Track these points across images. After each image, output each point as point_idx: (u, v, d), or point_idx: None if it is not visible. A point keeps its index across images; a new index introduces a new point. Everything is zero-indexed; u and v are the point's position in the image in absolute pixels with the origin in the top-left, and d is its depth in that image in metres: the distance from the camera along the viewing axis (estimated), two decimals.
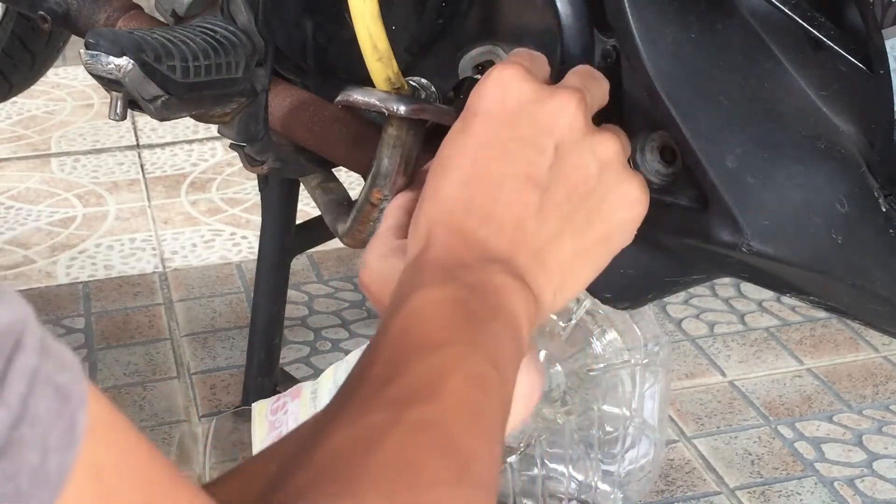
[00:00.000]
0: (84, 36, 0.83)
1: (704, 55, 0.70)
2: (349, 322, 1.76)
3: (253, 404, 1.17)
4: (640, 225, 0.62)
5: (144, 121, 2.49)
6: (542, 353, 1.27)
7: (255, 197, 2.12)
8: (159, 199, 2.17)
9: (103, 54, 0.80)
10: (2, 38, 1.66)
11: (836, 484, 1.41)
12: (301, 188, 1.35)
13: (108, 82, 0.81)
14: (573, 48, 0.74)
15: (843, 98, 0.71)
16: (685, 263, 0.78)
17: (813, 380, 1.62)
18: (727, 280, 1.83)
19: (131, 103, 0.82)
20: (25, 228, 2.05)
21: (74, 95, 2.65)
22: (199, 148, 2.39)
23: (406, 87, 0.75)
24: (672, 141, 0.71)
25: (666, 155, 0.73)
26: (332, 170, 1.01)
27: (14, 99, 1.91)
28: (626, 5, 0.68)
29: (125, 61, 0.79)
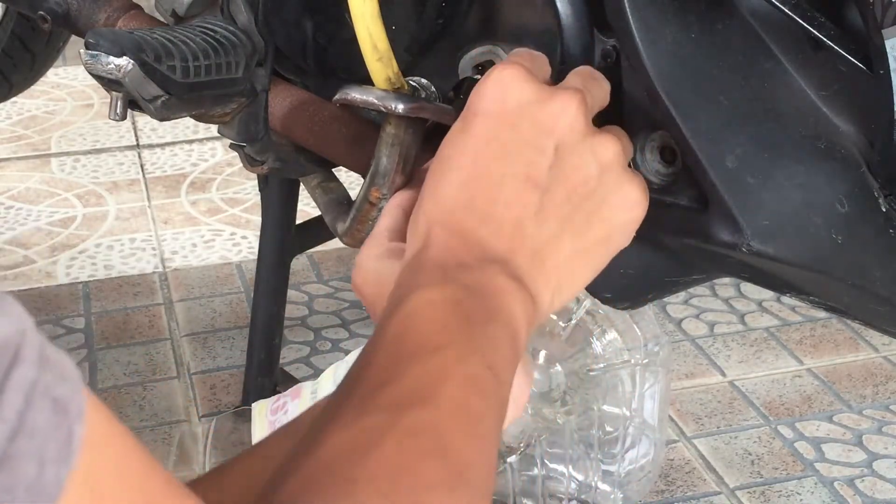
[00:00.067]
0: (84, 36, 0.83)
1: (704, 55, 0.70)
2: (349, 322, 1.76)
3: (253, 404, 1.17)
4: (641, 225, 0.62)
5: (144, 121, 2.49)
6: (542, 353, 1.27)
7: (255, 197, 2.12)
8: (159, 199, 2.17)
9: (103, 54, 0.80)
10: (2, 38, 1.66)
11: (836, 484, 1.41)
12: (301, 188, 1.35)
13: (108, 82, 0.81)
14: (573, 48, 0.74)
15: (843, 98, 0.71)
16: (685, 263, 0.78)
17: (813, 380, 1.62)
18: (727, 280, 1.83)
19: (131, 103, 0.82)
20: (25, 228, 2.05)
21: (74, 95, 2.65)
22: (199, 148, 2.39)
23: (406, 86, 0.75)
24: (672, 141, 0.71)
25: (666, 155, 0.73)
26: (331, 169, 1.01)
27: (14, 99, 1.91)
28: (626, 5, 0.68)
29: (125, 61, 0.79)
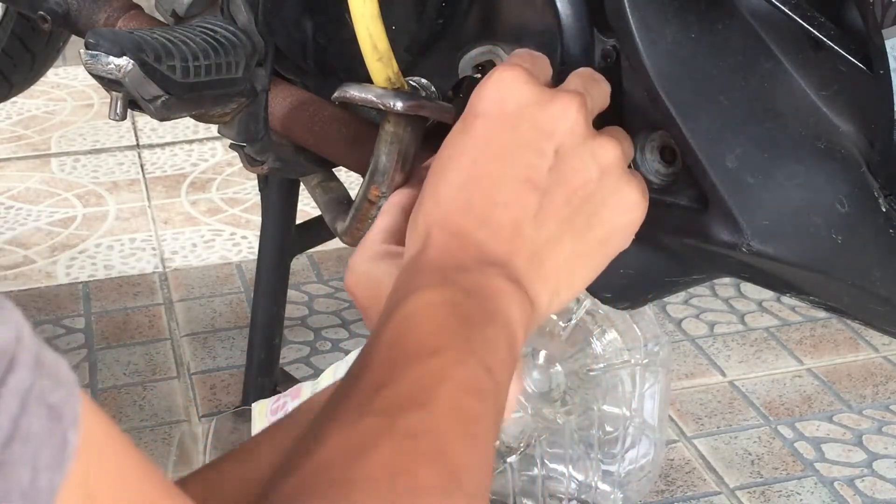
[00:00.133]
0: (84, 36, 0.83)
1: (704, 55, 0.69)
2: (349, 322, 1.76)
3: (253, 404, 1.17)
4: (641, 225, 0.62)
5: (144, 121, 2.49)
6: (542, 353, 1.27)
7: (255, 197, 2.12)
8: (159, 199, 2.17)
9: (103, 54, 0.80)
10: (2, 38, 1.66)
11: (836, 484, 1.41)
12: (301, 188, 1.35)
13: (108, 82, 0.81)
14: (573, 48, 0.74)
15: (843, 98, 0.71)
16: (685, 263, 0.78)
17: (813, 380, 1.62)
18: (727, 280, 1.83)
19: (131, 103, 0.82)
20: (25, 228, 2.05)
21: (74, 95, 2.65)
22: (199, 148, 2.39)
23: (406, 86, 0.75)
24: (672, 141, 0.71)
25: (666, 155, 0.73)
26: (331, 169, 1.01)
27: (14, 99, 1.91)
28: (626, 5, 0.68)
29: (125, 61, 0.79)
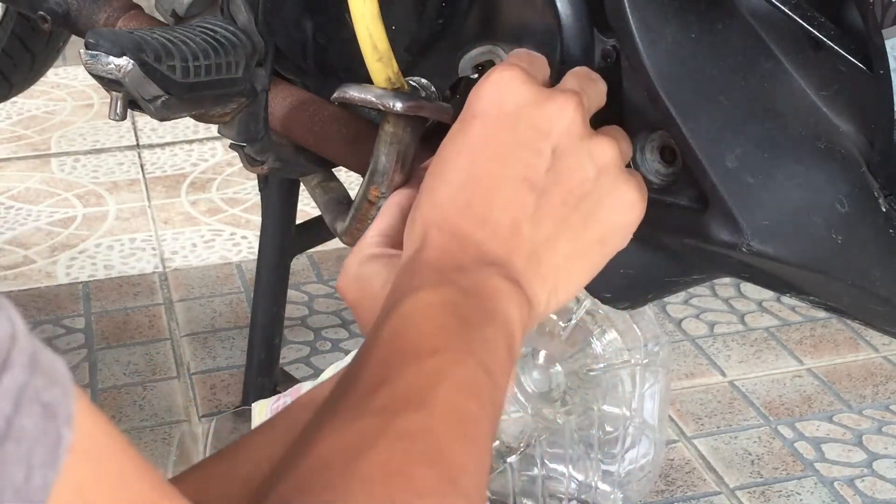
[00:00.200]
0: (84, 36, 0.83)
1: (704, 55, 0.69)
2: (349, 322, 1.76)
3: (253, 404, 1.17)
4: (641, 225, 0.62)
5: (144, 121, 2.49)
6: (542, 353, 1.27)
7: (255, 197, 2.12)
8: (159, 199, 2.17)
9: (103, 54, 0.80)
10: (2, 38, 1.66)
11: (836, 484, 1.41)
12: (301, 188, 1.35)
13: (108, 82, 0.81)
14: (573, 48, 0.74)
15: (843, 98, 0.71)
16: (685, 263, 0.78)
17: (813, 380, 1.62)
18: (727, 280, 1.83)
19: (131, 103, 0.82)
20: (25, 228, 2.05)
21: (74, 95, 2.65)
22: (199, 148, 2.39)
23: (406, 86, 0.75)
24: (672, 141, 0.71)
25: (666, 155, 0.73)
26: (331, 169, 1.01)
27: (14, 99, 1.91)
28: (626, 5, 0.68)
29: (125, 61, 0.79)
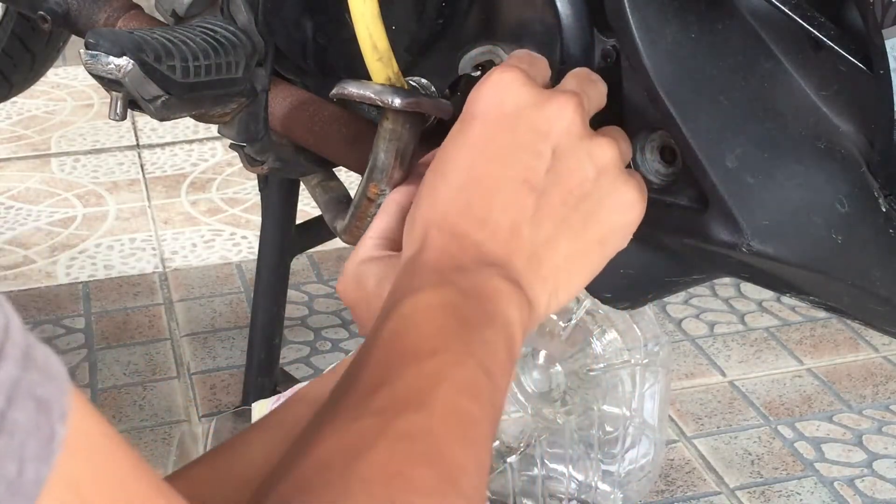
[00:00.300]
0: (84, 36, 0.83)
1: (704, 55, 0.69)
2: (349, 322, 1.76)
3: (253, 404, 1.17)
4: (641, 225, 0.62)
5: (144, 121, 2.49)
6: (542, 353, 1.27)
7: (255, 197, 2.12)
8: (159, 199, 2.17)
9: (103, 54, 0.80)
10: (2, 38, 1.66)
11: (836, 484, 1.41)
12: (301, 188, 1.35)
13: (108, 82, 0.81)
14: (573, 48, 0.74)
15: (843, 98, 0.71)
16: (685, 263, 0.78)
17: (813, 380, 1.62)
18: (727, 280, 1.83)
19: (131, 103, 0.82)
20: (25, 228, 2.05)
21: (74, 95, 2.65)
22: (199, 148, 2.39)
23: (406, 86, 0.75)
24: (672, 141, 0.71)
25: (666, 155, 0.73)
26: (332, 169, 1.01)
27: (14, 99, 1.91)
28: (626, 5, 0.68)
29: (125, 61, 0.79)
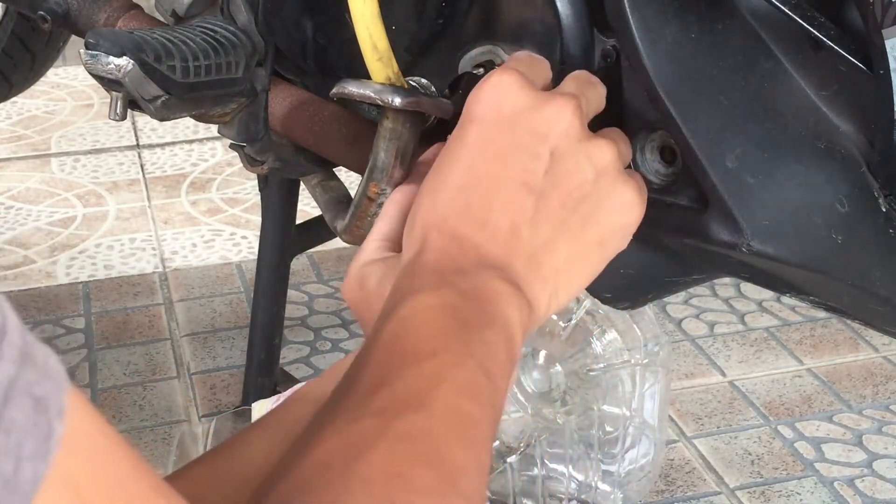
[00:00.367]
0: (84, 36, 0.83)
1: (704, 55, 0.69)
2: (349, 322, 1.76)
3: (253, 404, 1.17)
4: (641, 225, 0.62)
5: (144, 121, 2.49)
6: (542, 353, 1.27)
7: (255, 197, 2.12)
8: (159, 199, 2.17)
9: (103, 54, 0.80)
10: (2, 38, 1.66)
11: (836, 484, 1.41)
12: (301, 188, 1.35)
13: (108, 82, 0.81)
14: (573, 48, 0.74)
15: (843, 98, 0.71)
16: (685, 263, 0.78)
17: (813, 380, 1.62)
18: (727, 280, 1.83)
19: (131, 103, 0.82)
20: (25, 228, 2.05)
21: (74, 95, 2.65)
22: (199, 148, 2.39)
23: (406, 86, 0.75)
24: (672, 141, 0.71)
25: (666, 155, 0.73)
26: (332, 169, 1.01)
27: (14, 99, 1.91)
28: (626, 5, 0.68)
29: (125, 61, 0.79)
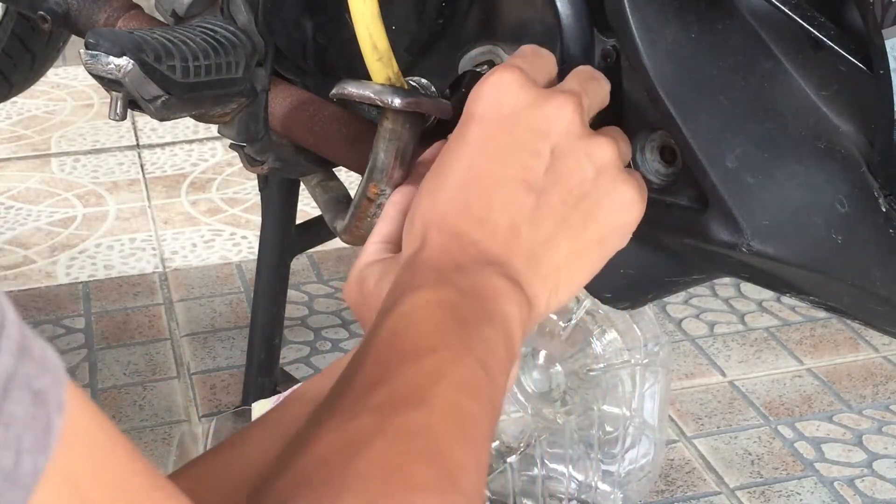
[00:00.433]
0: (84, 36, 0.83)
1: (704, 55, 0.69)
2: (349, 322, 1.76)
3: (253, 404, 1.17)
4: (641, 225, 0.62)
5: (144, 121, 2.49)
6: (542, 353, 1.27)
7: (255, 197, 2.12)
8: (159, 199, 2.17)
9: (103, 54, 0.80)
10: (2, 38, 1.66)
11: (836, 484, 1.41)
12: (301, 188, 1.35)
13: (108, 82, 0.81)
14: (573, 48, 0.74)
15: (843, 98, 0.71)
16: (685, 263, 0.78)
17: (813, 380, 1.62)
18: (727, 280, 1.83)
19: (131, 103, 0.82)
20: (25, 228, 2.05)
21: (74, 95, 2.65)
22: (199, 148, 2.39)
23: (406, 86, 0.75)
24: (672, 141, 0.71)
25: (666, 155, 0.73)
26: (332, 169, 1.01)
27: (14, 99, 1.91)
28: (626, 5, 0.68)
29: (125, 61, 0.79)
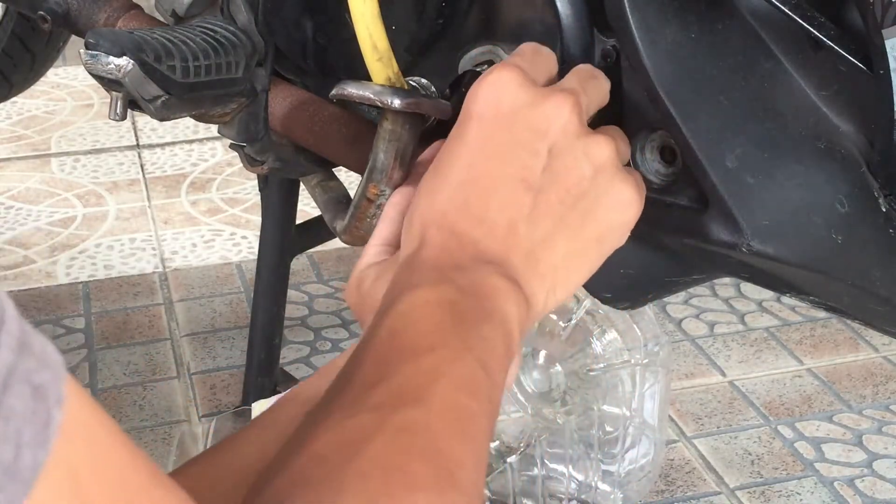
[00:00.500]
0: (84, 36, 0.83)
1: (704, 55, 0.69)
2: (349, 322, 1.76)
3: (253, 404, 1.17)
4: (641, 225, 0.62)
5: (144, 121, 2.49)
6: (542, 353, 1.27)
7: (255, 197, 2.12)
8: (159, 199, 2.17)
9: (103, 54, 0.80)
10: (2, 38, 1.66)
11: (836, 484, 1.41)
12: (301, 188, 1.35)
13: (108, 82, 0.81)
14: (573, 48, 0.74)
15: (843, 98, 0.71)
16: (685, 263, 0.78)
17: (813, 380, 1.62)
18: (727, 280, 1.83)
19: (131, 103, 0.82)
20: (25, 228, 2.05)
21: (74, 95, 2.65)
22: (199, 148, 2.39)
23: (406, 86, 0.75)
24: (672, 141, 0.71)
25: (666, 155, 0.73)
26: (331, 169, 1.01)
27: (14, 99, 1.91)
28: (626, 5, 0.68)
29: (125, 61, 0.79)
